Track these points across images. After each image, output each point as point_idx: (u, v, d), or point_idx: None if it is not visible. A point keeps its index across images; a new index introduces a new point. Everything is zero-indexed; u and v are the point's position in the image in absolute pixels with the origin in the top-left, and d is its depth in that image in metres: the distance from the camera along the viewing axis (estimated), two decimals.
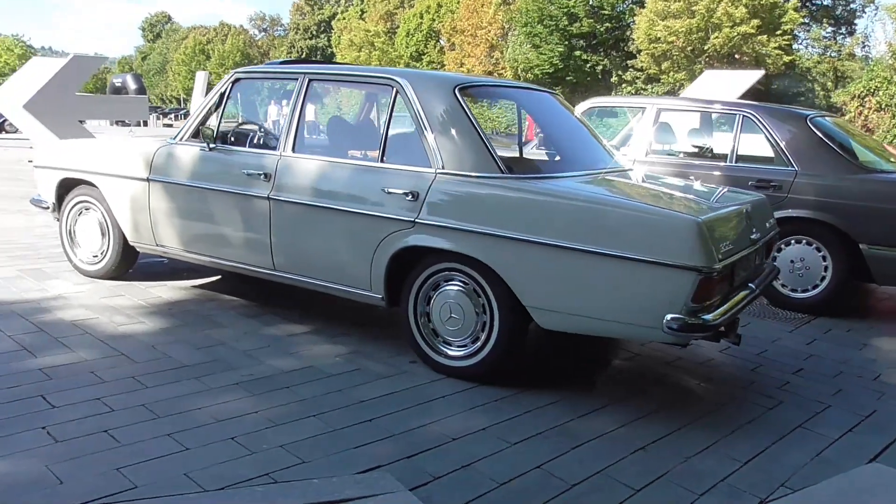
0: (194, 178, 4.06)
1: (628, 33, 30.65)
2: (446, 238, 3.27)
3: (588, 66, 35.58)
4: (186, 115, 68.97)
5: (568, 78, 36.43)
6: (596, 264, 2.95)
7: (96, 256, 4.69)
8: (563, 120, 4.38)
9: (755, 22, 26.54)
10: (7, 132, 26.28)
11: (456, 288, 3.35)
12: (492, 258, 3.17)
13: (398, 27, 49.61)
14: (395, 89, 3.53)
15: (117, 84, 35.23)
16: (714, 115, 5.88)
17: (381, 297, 3.54)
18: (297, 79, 3.88)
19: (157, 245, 4.32)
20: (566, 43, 35.27)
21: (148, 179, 4.22)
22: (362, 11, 55.34)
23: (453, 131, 3.35)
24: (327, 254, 3.67)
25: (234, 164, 3.92)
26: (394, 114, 3.56)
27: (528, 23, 36.10)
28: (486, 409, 3.10)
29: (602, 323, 3.05)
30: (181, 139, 4.23)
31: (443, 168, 3.33)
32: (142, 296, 4.42)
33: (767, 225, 3.72)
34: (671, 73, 27.74)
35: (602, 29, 34.95)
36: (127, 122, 32.98)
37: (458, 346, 3.39)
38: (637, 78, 32.45)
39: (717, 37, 25.16)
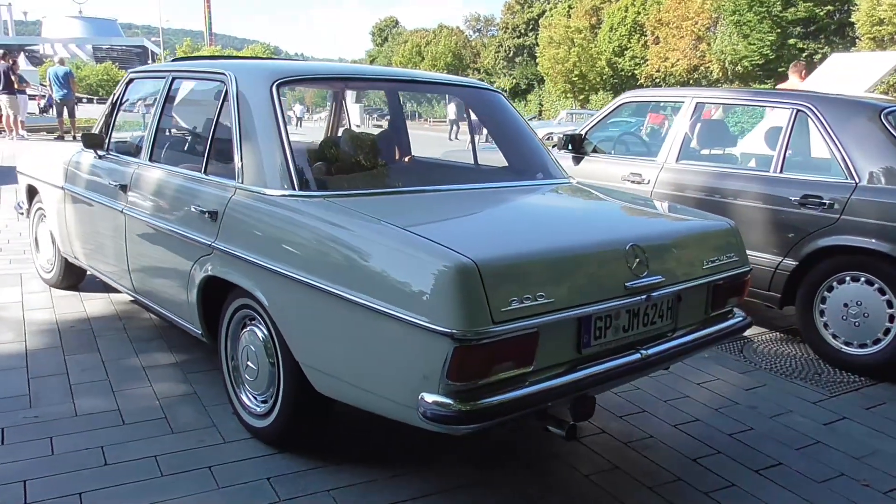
0: (84, 187, 3.78)
1: (853, 17, 26.73)
2: (234, 268, 2.65)
3: (804, 55, 31.68)
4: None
5: (781, 69, 32.71)
6: (349, 314, 2.18)
7: (50, 263, 4.60)
8: (499, 120, 3.54)
9: None
10: None
11: (252, 331, 2.71)
12: (267, 297, 2.51)
13: (603, 22, 47.90)
14: (225, 84, 2.95)
15: None
16: (765, 110, 4.58)
17: (201, 332, 2.99)
18: (164, 78, 3.43)
19: (73, 256, 4.11)
20: (778, 31, 31.67)
21: (62, 188, 4.01)
22: (570, 7, 54.15)
23: (259, 137, 2.71)
24: (159, 277, 3.20)
25: (108, 174, 3.57)
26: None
27: (736, 10, 32.95)
28: (280, 480, 2.46)
29: (364, 395, 2.26)
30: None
31: (242, 182, 2.71)
32: (65, 310, 4.23)
33: (707, 264, 2.64)
34: None
35: (822, 13, 30.88)
36: None
37: (259, 401, 2.75)
38: None
39: None
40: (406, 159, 4.02)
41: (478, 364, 1.98)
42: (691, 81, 38.96)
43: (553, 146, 5.09)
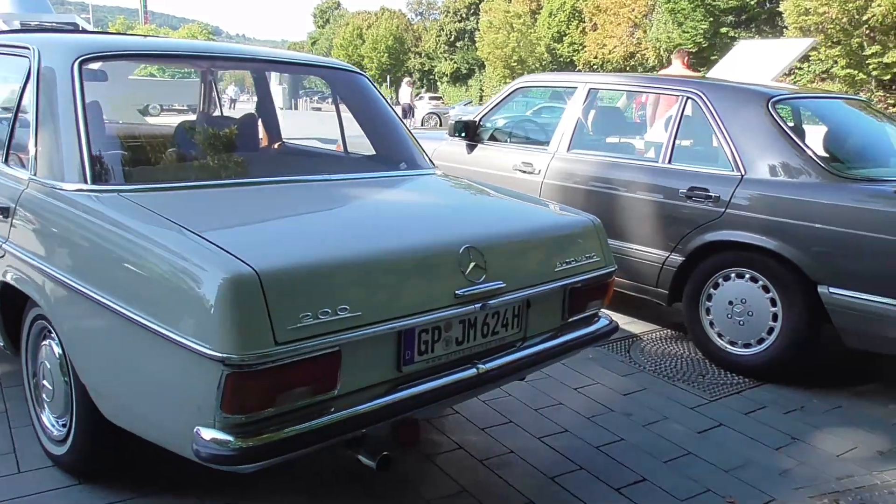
0: None
1: (781, 6, 27.16)
2: (24, 274, 2.29)
3: (735, 43, 32.11)
4: None
5: (713, 57, 33.04)
6: (125, 331, 1.87)
7: None
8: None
9: None
10: None
11: (49, 346, 2.36)
12: (51, 308, 2.17)
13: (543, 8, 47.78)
14: (29, 60, 2.57)
15: None
16: (655, 97, 4.39)
17: (3, 344, 2.63)
18: None
19: None
20: (711, 19, 32.01)
21: None
22: None
23: (57, 121, 2.34)
24: None
25: None
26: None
27: None
28: None
29: (146, 425, 1.96)
30: None
31: (35, 174, 2.35)
32: None
33: (561, 265, 2.40)
34: (823, 49, 24.20)
35: (753, 2, 31.32)
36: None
37: (59, 424, 2.41)
38: None
39: (878, 4, 21.44)
40: (276, 146, 3.70)
41: (258, 393, 1.69)
42: (627, 68, 39.19)
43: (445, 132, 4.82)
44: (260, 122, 3.71)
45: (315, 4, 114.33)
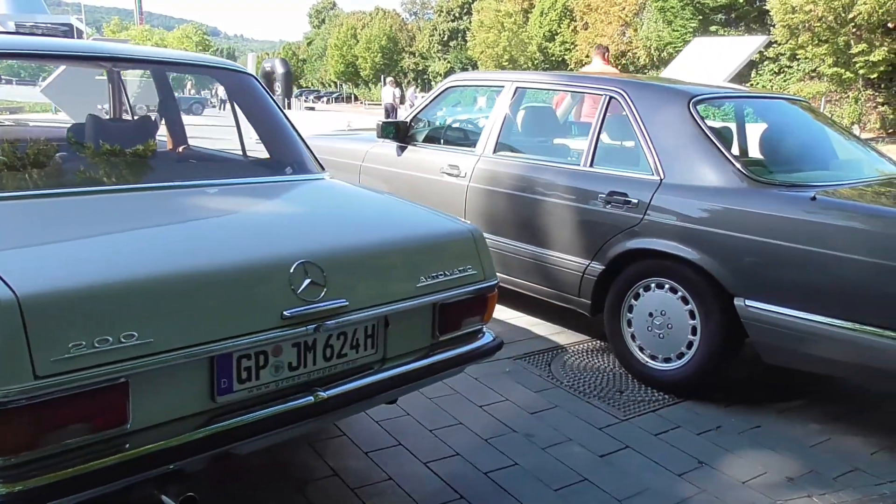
0: None
1: (768, 4, 26.94)
2: None
3: (690, 41, 31.86)
4: (338, 98, 70.97)
5: None
6: None
7: None
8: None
9: None
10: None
11: None
12: None
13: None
14: None
15: (267, 68, 36.54)
16: (580, 96, 4.19)
17: None
18: None
19: None
20: (700, 17, 31.80)
21: None
22: None
23: None
24: None
25: None
26: None
27: None
28: None
29: None
30: None
31: None
32: None
33: (426, 279, 2.21)
34: (810, 48, 23.94)
35: (742, 0, 31.11)
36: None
37: None
38: (781, 54, 28.59)
39: (864, 2, 21.17)
40: (180, 149, 3.50)
41: (17, 433, 1.49)
42: (620, 67, 39.01)
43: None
44: (164, 125, 3.53)
45: (311, 4, 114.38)
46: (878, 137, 26.38)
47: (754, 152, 3.86)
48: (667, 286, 3.29)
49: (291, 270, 1.88)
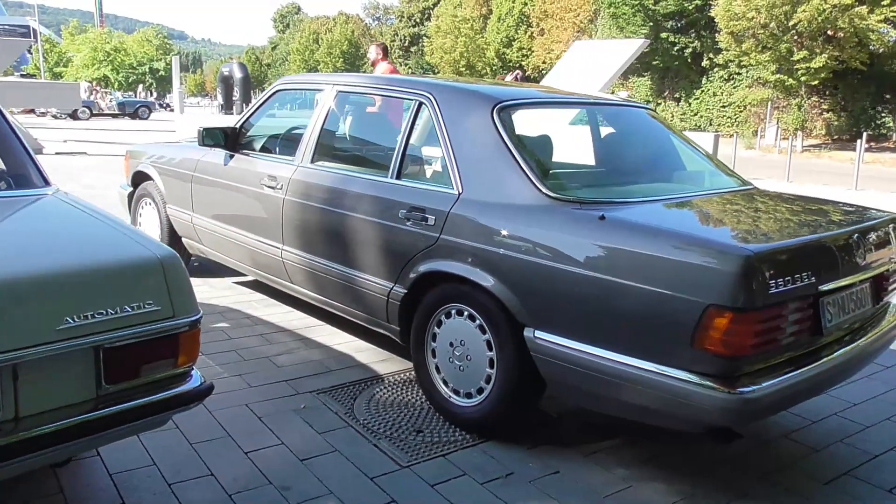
0: None
1: (713, 11, 26.97)
2: None
3: (676, 48, 31.94)
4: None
5: (655, 62, 33.01)
6: None
7: None
8: None
9: None
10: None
11: None
12: None
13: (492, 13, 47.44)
14: None
15: (225, 73, 35.83)
16: (393, 101, 3.83)
17: None
18: None
19: None
20: (651, 24, 31.84)
21: None
22: None
23: None
24: None
25: None
26: None
27: (612, 3, 32.98)
28: None
29: None
30: None
31: None
32: None
33: (74, 320, 1.82)
34: (753, 55, 23.99)
35: (691, 7, 31.18)
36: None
37: None
38: (731, 61, 28.65)
39: (804, 10, 21.20)
40: None
41: None
42: None
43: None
44: None
45: (276, 9, 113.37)
46: (822, 144, 26.57)
47: (546, 164, 3.50)
48: (466, 313, 2.94)
49: None
